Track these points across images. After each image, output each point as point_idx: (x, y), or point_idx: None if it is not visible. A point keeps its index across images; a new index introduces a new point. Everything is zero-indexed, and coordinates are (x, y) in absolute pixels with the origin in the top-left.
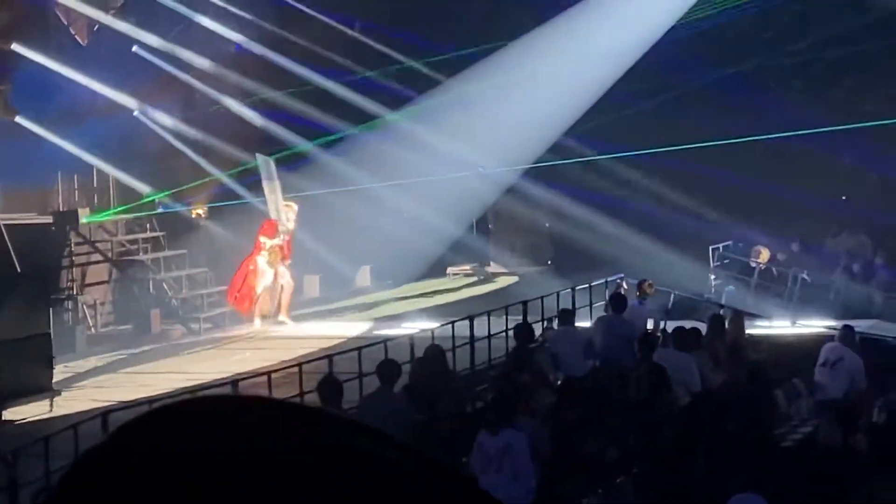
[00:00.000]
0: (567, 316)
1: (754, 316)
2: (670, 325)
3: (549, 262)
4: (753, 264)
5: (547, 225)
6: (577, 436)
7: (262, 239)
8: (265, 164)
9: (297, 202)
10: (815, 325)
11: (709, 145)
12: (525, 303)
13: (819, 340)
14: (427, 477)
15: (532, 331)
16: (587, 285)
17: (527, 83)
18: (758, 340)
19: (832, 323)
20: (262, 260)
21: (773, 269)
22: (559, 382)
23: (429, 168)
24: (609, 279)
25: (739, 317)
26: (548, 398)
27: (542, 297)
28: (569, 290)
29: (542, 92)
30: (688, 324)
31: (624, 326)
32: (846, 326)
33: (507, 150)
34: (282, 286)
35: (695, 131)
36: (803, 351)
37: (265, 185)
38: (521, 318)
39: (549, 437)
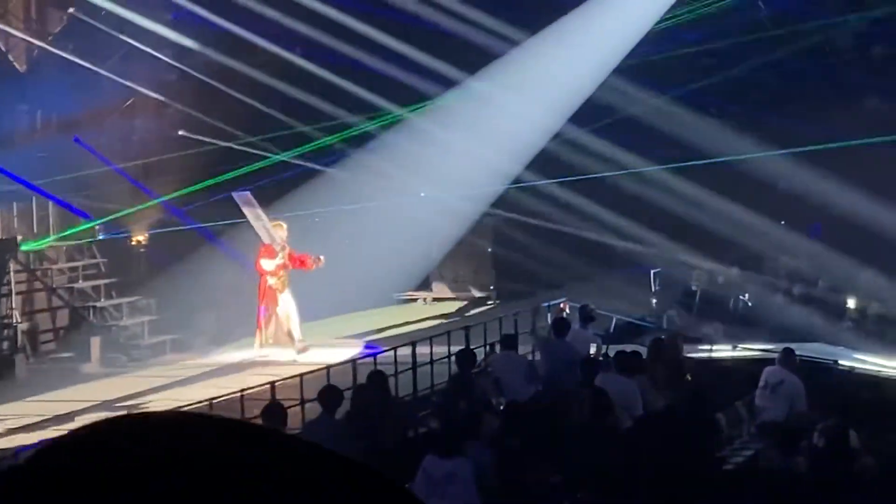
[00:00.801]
0: (509, 341)
1: (696, 339)
2: (612, 350)
3: (492, 288)
4: (694, 287)
5: (489, 250)
6: (521, 461)
7: (263, 262)
8: (241, 198)
9: (284, 221)
10: (755, 348)
11: (649, 170)
12: (467, 328)
13: (760, 363)
14: (361, 485)
15: (474, 356)
16: (529, 310)
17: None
18: (699, 364)
19: (773, 346)
20: (272, 280)
21: (714, 293)
22: (502, 407)
23: (379, 194)
24: (551, 303)
25: (677, 340)
26: (491, 424)
27: (484, 323)
28: (511, 314)
29: (497, 124)
30: (629, 348)
31: (566, 350)
32: (786, 349)
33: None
34: (287, 314)
35: (636, 157)
36: (744, 374)
37: (248, 216)
38: (463, 343)
39: (494, 463)
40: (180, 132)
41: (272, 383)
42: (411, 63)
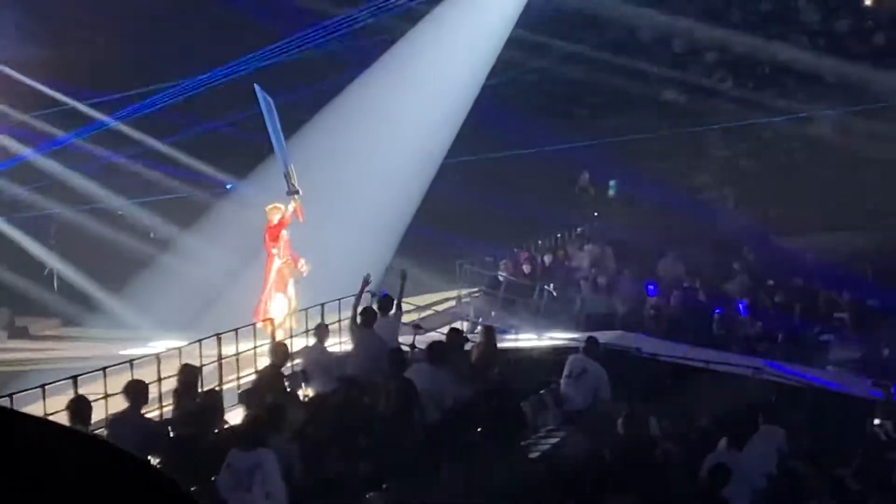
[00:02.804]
0: (320, 332)
1: (501, 329)
2: (420, 340)
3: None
4: (501, 278)
5: None
6: (326, 453)
7: (274, 250)
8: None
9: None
10: (560, 337)
11: (459, 161)
12: (272, 320)
13: (565, 352)
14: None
15: (285, 349)
16: (337, 300)
17: None
18: (505, 353)
19: (577, 335)
20: (279, 263)
21: (520, 283)
22: (307, 399)
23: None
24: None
25: (490, 331)
26: (298, 416)
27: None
28: (318, 305)
29: None
30: (436, 338)
31: (374, 341)
32: (590, 338)
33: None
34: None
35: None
36: (549, 363)
37: (267, 120)
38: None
39: (300, 455)
40: None
41: (75, 377)
42: None
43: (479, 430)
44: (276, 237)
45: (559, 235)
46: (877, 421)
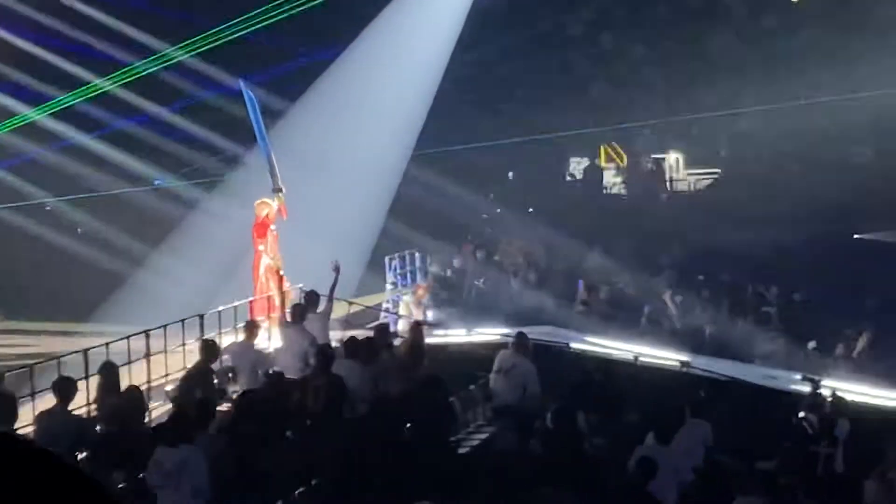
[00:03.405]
0: (249, 328)
1: (431, 325)
2: (348, 336)
3: None
4: (433, 272)
5: None
6: (254, 450)
7: (261, 247)
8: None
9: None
10: (490, 332)
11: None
12: (201, 316)
13: (494, 348)
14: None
15: (214, 345)
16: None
17: None
18: (434, 349)
19: (507, 330)
20: (269, 261)
21: (450, 278)
22: (235, 396)
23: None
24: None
25: (417, 327)
26: (226, 412)
27: (219, 311)
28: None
29: None
30: (367, 334)
31: (302, 337)
32: (519, 333)
33: None
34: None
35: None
36: (479, 358)
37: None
38: (199, 331)
39: (227, 452)
40: None
41: (2, 374)
42: None
43: (408, 425)
44: (263, 234)
45: (490, 230)
46: (801, 414)
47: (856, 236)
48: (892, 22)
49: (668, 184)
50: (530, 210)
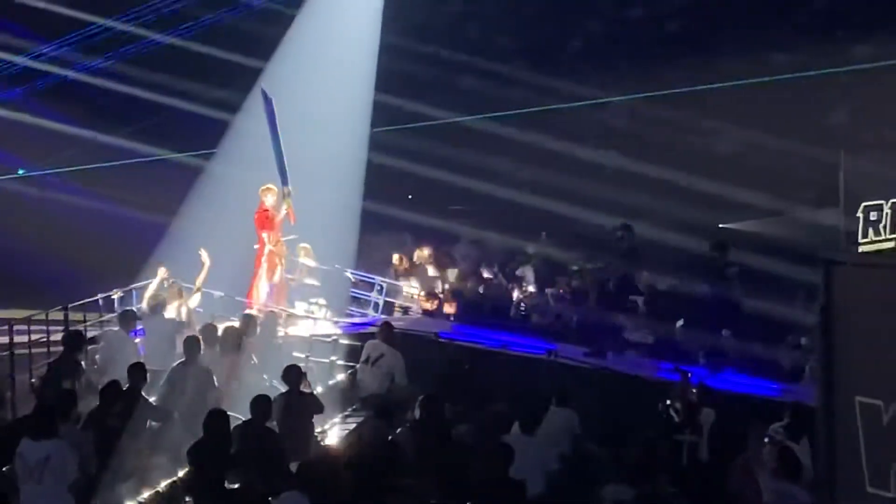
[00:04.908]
0: (123, 319)
1: (296, 315)
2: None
3: None
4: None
5: None
6: (121, 441)
7: (265, 235)
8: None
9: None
10: (357, 323)
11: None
12: (66, 308)
13: (362, 338)
14: None
15: (80, 337)
16: (131, 287)
17: None
18: (300, 340)
19: (373, 319)
20: (272, 249)
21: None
22: (102, 387)
23: None
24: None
25: (273, 316)
26: (92, 404)
27: (85, 301)
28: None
29: None
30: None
31: (165, 327)
32: (385, 323)
33: None
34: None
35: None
36: (347, 349)
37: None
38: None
39: (93, 444)
40: None
41: None
42: None
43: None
44: (268, 225)
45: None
46: (668, 402)
47: (721, 226)
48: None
49: None
50: (409, 196)
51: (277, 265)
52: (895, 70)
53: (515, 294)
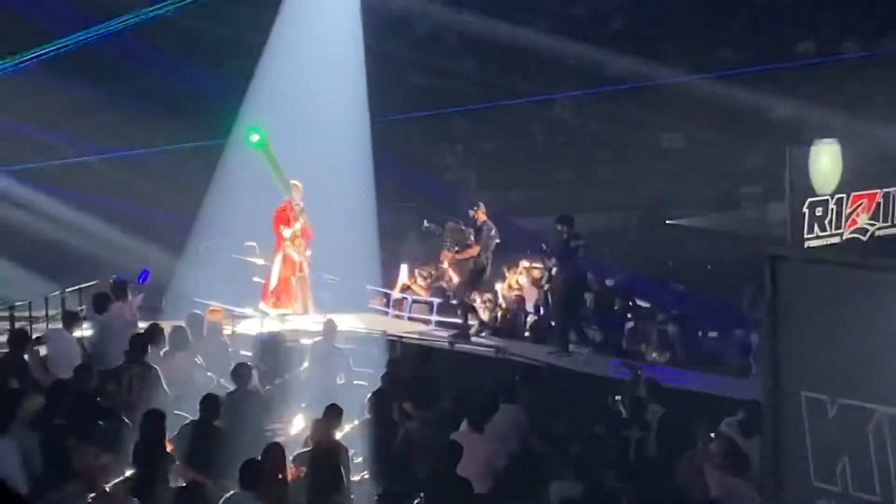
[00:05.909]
0: (67, 318)
1: (241, 313)
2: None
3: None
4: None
5: None
6: (67, 440)
7: (283, 229)
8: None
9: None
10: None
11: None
12: (11, 307)
13: (310, 336)
14: None
15: (24, 335)
16: (77, 287)
17: None
18: (250, 339)
19: (318, 319)
20: (290, 250)
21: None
22: (49, 386)
23: None
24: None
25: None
26: (38, 403)
27: (29, 301)
28: (57, 293)
29: None
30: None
31: (111, 326)
32: (329, 321)
33: None
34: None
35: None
36: (296, 347)
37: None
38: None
39: (40, 443)
40: None
41: None
42: None
43: (217, 415)
44: (286, 220)
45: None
46: (618, 397)
47: (668, 222)
48: None
49: None
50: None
51: (298, 262)
52: (840, 66)
53: None
